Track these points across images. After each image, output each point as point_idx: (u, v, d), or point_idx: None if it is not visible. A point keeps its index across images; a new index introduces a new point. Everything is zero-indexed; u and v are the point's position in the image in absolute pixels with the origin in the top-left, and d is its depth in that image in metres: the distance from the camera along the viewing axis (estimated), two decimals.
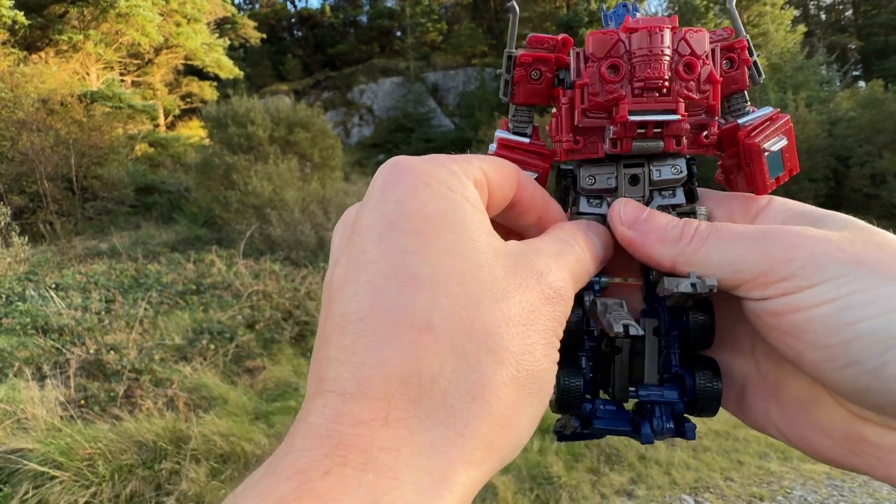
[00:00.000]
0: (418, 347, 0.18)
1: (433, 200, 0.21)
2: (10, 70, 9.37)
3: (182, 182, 9.75)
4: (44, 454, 2.33)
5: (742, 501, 2.45)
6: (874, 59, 16.92)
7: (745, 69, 0.27)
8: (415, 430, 0.17)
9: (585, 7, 16.17)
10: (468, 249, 0.20)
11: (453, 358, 0.18)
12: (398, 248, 0.19)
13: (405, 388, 0.17)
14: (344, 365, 0.18)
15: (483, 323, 0.19)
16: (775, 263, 0.21)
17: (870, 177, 8.46)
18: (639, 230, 0.25)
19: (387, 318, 0.18)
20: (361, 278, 0.19)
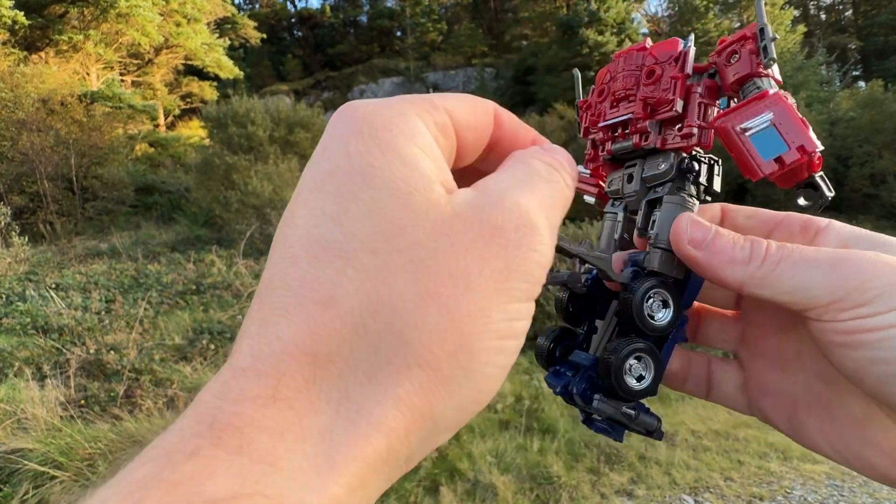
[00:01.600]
0: (317, 323, 0.16)
1: (361, 152, 0.18)
2: (10, 70, 9.37)
3: (182, 182, 9.76)
4: (44, 454, 2.33)
5: (742, 501, 2.45)
6: (874, 59, 16.93)
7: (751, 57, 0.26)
8: (303, 412, 0.15)
9: (585, 7, 16.16)
10: (389, 210, 0.18)
11: (353, 336, 0.16)
12: (316, 212, 0.18)
13: (299, 366, 0.16)
14: (245, 337, 0.17)
15: (391, 297, 0.17)
16: (852, 290, 0.22)
17: (869, 177, 8.46)
18: (707, 251, 0.25)
19: (293, 290, 0.17)
20: (283, 245, 0.18)
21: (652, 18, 19.72)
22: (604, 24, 15.92)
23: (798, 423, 0.26)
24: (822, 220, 0.26)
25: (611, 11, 15.92)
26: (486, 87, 18.06)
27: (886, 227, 7.92)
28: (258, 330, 0.17)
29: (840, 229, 0.25)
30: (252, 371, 0.16)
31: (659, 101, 0.28)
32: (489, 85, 18.51)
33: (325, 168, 0.19)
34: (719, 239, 0.25)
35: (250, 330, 0.17)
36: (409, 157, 0.19)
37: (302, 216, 0.18)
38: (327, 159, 0.19)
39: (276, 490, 0.14)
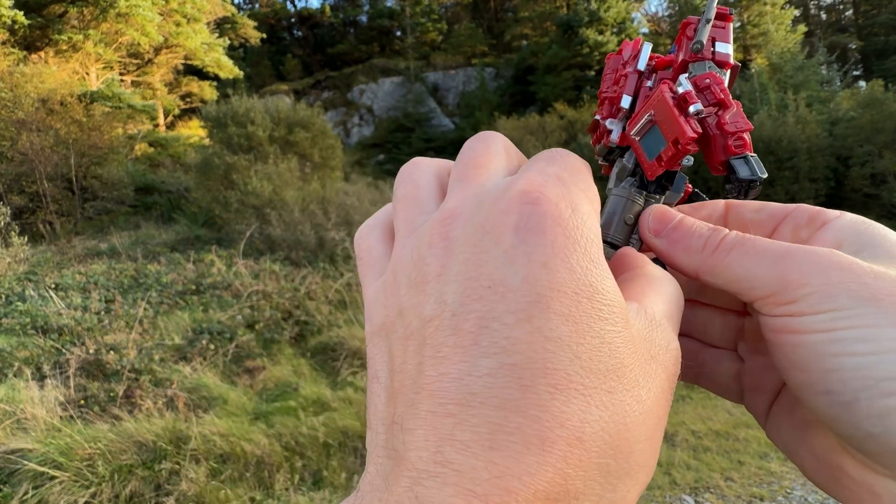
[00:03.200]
0: (567, 463, 0.16)
1: (584, 268, 0.18)
2: (9, 70, 9.36)
3: (182, 182, 9.75)
4: (43, 454, 2.33)
5: (742, 501, 2.45)
6: (874, 58, 16.92)
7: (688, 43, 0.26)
8: None
9: (585, 7, 16.15)
10: (615, 344, 0.18)
11: (598, 476, 0.17)
12: (549, 335, 0.17)
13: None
14: (479, 459, 0.16)
15: (627, 440, 0.17)
16: (787, 285, 0.21)
17: (870, 177, 8.45)
18: (667, 238, 0.25)
19: (536, 420, 0.16)
20: (501, 358, 0.17)
21: (652, 18, 19.71)
22: (604, 23, 15.91)
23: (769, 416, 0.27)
24: (833, 213, 0.25)
25: (611, 11, 15.92)
26: (486, 87, 18.06)
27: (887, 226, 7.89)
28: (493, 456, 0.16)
29: (842, 226, 0.24)
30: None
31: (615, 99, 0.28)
32: (489, 85, 18.51)
33: (546, 279, 0.17)
34: (679, 228, 0.25)
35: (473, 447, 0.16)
36: (610, 275, 0.19)
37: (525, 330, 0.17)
38: (546, 268, 0.17)
39: None
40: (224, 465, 2.49)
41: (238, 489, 2.37)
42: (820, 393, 0.20)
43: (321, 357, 3.87)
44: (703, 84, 0.24)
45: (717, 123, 0.24)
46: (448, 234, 0.20)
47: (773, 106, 9.62)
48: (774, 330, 0.22)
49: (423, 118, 18.08)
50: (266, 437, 2.67)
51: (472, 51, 21.13)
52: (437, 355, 0.18)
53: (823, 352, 0.20)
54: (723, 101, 0.24)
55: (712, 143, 0.24)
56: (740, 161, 0.24)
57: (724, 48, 0.25)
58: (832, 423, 0.21)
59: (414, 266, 0.20)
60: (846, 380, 0.19)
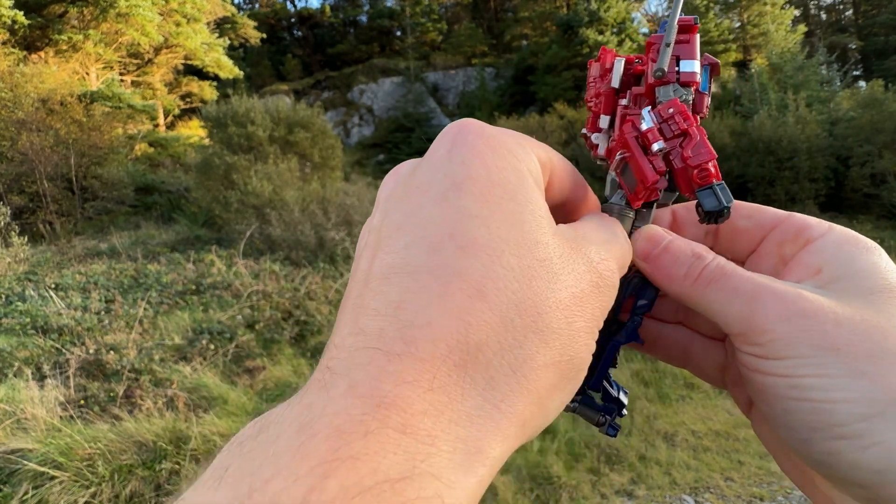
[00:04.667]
0: (469, 313, 0.17)
1: (499, 167, 0.20)
2: (9, 70, 9.36)
3: (182, 182, 9.75)
4: (43, 454, 2.33)
5: (742, 501, 2.45)
6: (874, 58, 16.92)
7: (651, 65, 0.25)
8: (454, 397, 0.17)
9: (585, 7, 16.15)
10: (527, 223, 0.20)
11: (501, 329, 0.18)
12: (459, 209, 0.19)
13: (451, 354, 0.17)
14: (388, 320, 0.17)
15: (534, 300, 0.19)
16: (754, 329, 0.22)
17: (870, 177, 8.45)
18: (652, 264, 0.26)
19: (439, 276, 0.18)
20: (417, 232, 0.19)
21: (652, 18, 19.70)
22: (604, 23, 15.90)
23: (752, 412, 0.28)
24: (819, 229, 0.25)
25: (611, 11, 15.91)
26: (486, 87, 18.05)
27: (886, 226, 7.91)
28: (400, 314, 0.17)
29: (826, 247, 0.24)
30: (408, 357, 0.16)
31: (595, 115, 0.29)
32: (489, 85, 18.50)
33: (462, 172, 0.20)
34: (665, 254, 0.25)
35: (383, 310, 0.17)
36: (532, 185, 0.21)
37: (440, 209, 0.19)
38: (462, 164, 0.20)
39: (438, 470, 0.15)
40: None
41: None
42: (780, 427, 0.22)
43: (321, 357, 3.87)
44: (667, 115, 0.24)
45: (681, 157, 0.24)
46: (397, 168, 0.24)
47: (773, 106, 9.61)
48: (744, 364, 0.23)
49: (423, 118, 18.07)
50: None
51: (472, 51, 21.12)
52: (375, 251, 0.20)
53: (783, 395, 0.22)
54: (686, 132, 0.24)
55: (678, 174, 0.25)
56: (706, 192, 0.24)
57: (689, 66, 0.25)
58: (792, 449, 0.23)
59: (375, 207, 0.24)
60: (802, 421, 0.21)
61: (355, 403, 0.16)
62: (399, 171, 0.24)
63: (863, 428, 0.20)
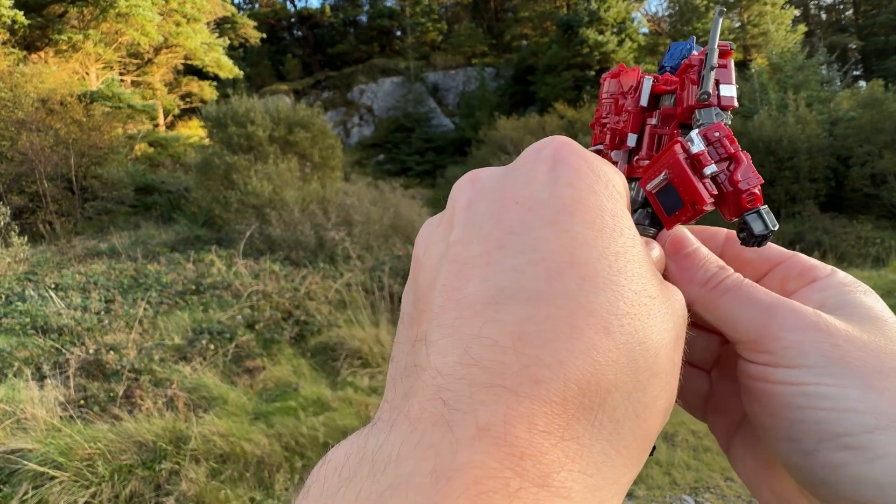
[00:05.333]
0: (598, 351, 0.16)
1: (605, 195, 0.19)
2: (9, 70, 9.36)
3: (182, 182, 9.75)
4: (43, 454, 2.33)
5: (742, 502, 2.45)
6: (874, 58, 16.92)
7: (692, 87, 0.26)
8: (584, 444, 0.16)
9: (586, 7, 16.14)
10: (636, 256, 0.19)
11: (628, 370, 0.17)
12: (574, 236, 0.18)
13: (583, 397, 0.16)
14: (510, 353, 0.16)
15: (653, 339, 0.18)
16: (766, 336, 0.22)
17: (870, 177, 8.45)
18: (676, 262, 0.26)
19: (563, 308, 0.16)
20: (527, 254, 0.17)
21: (652, 18, 19.70)
22: (604, 23, 15.91)
23: (732, 446, 0.28)
24: (824, 270, 0.26)
25: (611, 11, 15.91)
26: (486, 87, 18.06)
27: (887, 226, 7.91)
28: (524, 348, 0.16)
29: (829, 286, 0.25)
30: (538, 399, 0.15)
31: (621, 133, 0.29)
32: (489, 85, 18.50)
33: (571, 195, 0.19)
34: (693, 257, 0.26)
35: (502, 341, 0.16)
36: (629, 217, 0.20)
37: (553, 231, 0.18)
38: (570, 186, 0.19)
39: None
40: (224, 465, 2.49)
41: (238, 489, 2.37)
42: (783, 439, 0.22)
43: (321, 357, 3.87)
44: (713, 138, 0.25)
45: (730, 180, 0.25)
46: (477, 176, 0.22)
47: (774, 106, 9.61)
48: (750, 375, 0.23)
49: (423, 118, 18.08)
50: (266, 437, 2.67)
51: (472, 51, 21.13)
52: (462, 268, 0.18)
53: (792, 403, 0.21)
54: (733, 156, 0.24)
55: (726, 198, 0.25)
56: (753, 216, 0.25)
57: (728, 91, 0.26)
58: (790, 467, 0.22)
59: (447, 210, 0.22)
60: (809, 431, 0.21)
61: (491, 453, 0.14)
62: (480, 180, 0.22)
63: (870, 439, 0.20)
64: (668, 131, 0.27)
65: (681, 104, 0.26)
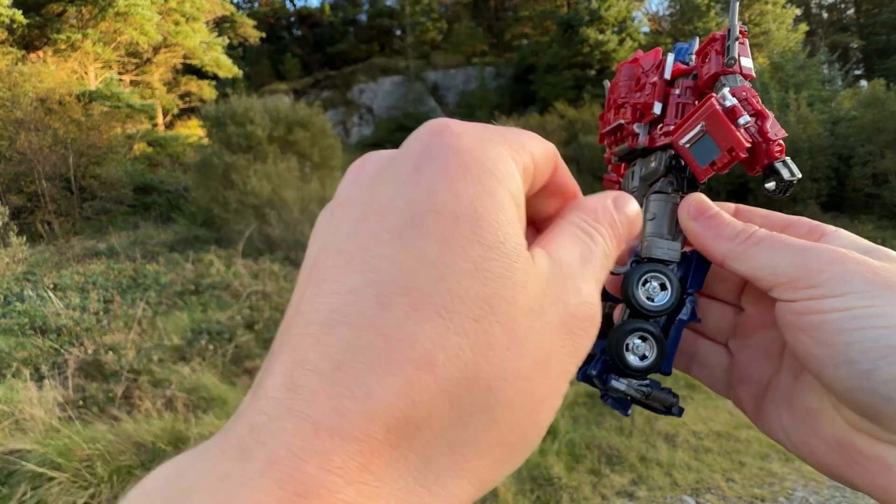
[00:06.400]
0: (413, 388, 0.15)
1: (470, 195, 0.17)
2: (8, 69, 9.34)
3: (181, 182, 9.74)
4: (42, 455, 2.32)
5: (744, 502, 2.44)
6: (876, 58, 16.91)
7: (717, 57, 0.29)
8: (384, 480, 0.15)
9: (586, 6, 16.13)
10: (494, 272, 0.17)
11: (446, 407, 0.16)
12: (416, 253, 0.16)
13: (388, 434, 0.15)
14: (324, 381, 0.15)
15: (488, 373, 0.16)
16: (808, 272, 0.24)
17: (871, 176, 8.45)
18: (702, 223, 0.28)
19: (385, 338, 0.15)
20: (366, 275, 0.16)
21: (653, 17, 19.69)
22: (604, 22, 15.89)
23: (762, 410, 0.29)
24: (829, 228, 0.28)
25: (611, 10, 15.90)
26: (487, 87, 18.05)
27: (888, 226, 7.90)
28: (338, 377, 0.15)
29: (840, 237, 0.27)
30: (339, 433, 0.14)
31: (644, 106, 0.32)
32: (489, 84, 18.50)
33: (426, 200, 0.17)
34: (717, 218, 0.28)
35: (321, 368, 0.15)
36: (510, 213, 0.18)
37: (395, 248, 0.16)
38: (429, 191, 0.17)
39: None
40: None
41: None
42: (841, 364, 0.23)
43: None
44: (742, 96, 0.27)
45: (760, 131, 0.27)
46: (363, 165, 0.21)
47: (775, 105, 9.60)
48: (797, 312, 0.24)
49: (423, 118, 17.85)
50: None
51: (473, 50, 21.11)
52: (319, 278, 0.17)
53: (844, 327, 0.23)
54: (760, 112, 0.27)
55: (756, 149, 0.27)
56: (782, 164, 0.27)
57: (748, 62, 0.29)
58: (850, 392, 0.23)
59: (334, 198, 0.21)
60: (866, 349, 0.22)
61: (271, 490, 0.13)
62: (363, 170, 0.20)
63: None
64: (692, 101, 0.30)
65: (702, 77, 0.30)
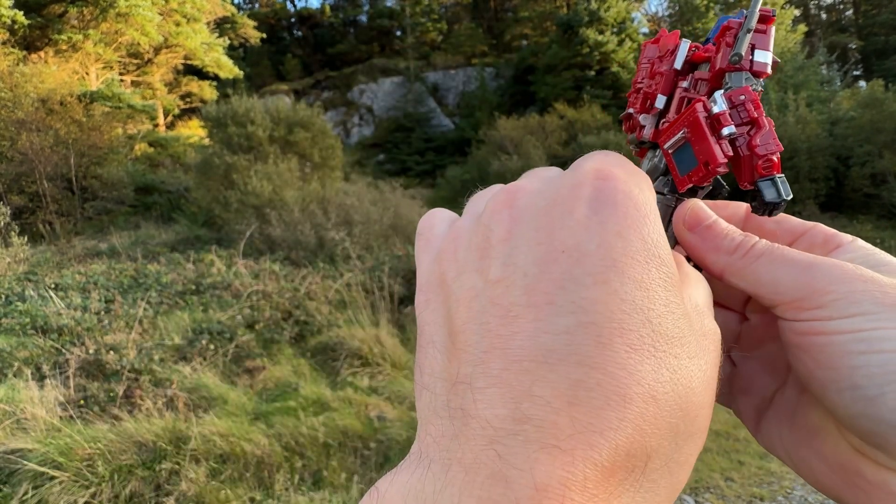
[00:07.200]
0: (644, 420, 0.17)
1: (654, 240, 0.19)
2: (9, 70, 9.36)
3: (182, 182, 9.75)
4: (43, 454, 2.33)
5: (742, 502, 2.45)
6: (874, 58, 16.91)
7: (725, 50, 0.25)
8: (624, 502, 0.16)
9: (586, 7, 16.14)
10: (677, 313, 0.19)
11: (668, 435, 0.17)
12: (624, 297, 0.17)
13: (630, 461, 0.16)
14: (563, 416, 0.16)
15: (691, 402, 0.18)
16: (814, 292, 0.22)
17: (870, 177, 8.45)
18: (699, 235, 0.26)
19: (613, 376, 0.17)
20: (578, 317, 0.17)
21: (652, 18, 19.71)
22: (604, 23, 15.90)
23: (763, 424, 0.28)
24: (847, 237, 0.26)
25: (611, 11, 15.91)
26: (486, 87, 18.06)
27: (886, 226, 7.90)
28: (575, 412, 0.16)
29: (855, 249, 0.25)
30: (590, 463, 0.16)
31: (651, 96, 0.29)
32: (489, 85, 18.50)
33: (620, 247, 0.18)
34: (713, 228, 0.26)
35: (555, 403, 0.16)
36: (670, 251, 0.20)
37: (602, 292, 0.18)
38: (621, 236, 0.18)
39: None
40: (224, 465, 2.49)
41: (238, 489, 2.37)
42: (845, 389, 0.21)
43: (321, 357, 3.87)
44: (738, 101, 0.24)
45: (748, 144, 0.24)
46: (514, 202, 0.21)
47: (774, 106, 9.61)
48: (801, 332, 0.23)
49: (423, 118, 18.08)
50: (266, 437, 2.67)
51: (472, 51, 21.13)
52: (507, 315, 0.18)
53: (851, 350, 0.21)
54: (755, 121, 0.24)
55: (741, 162, 0.25)
56: (767, 183, 0.24)
57: (763, 57, 0.25)
58: (854, 419, 0.22)
59: (476, 231, 0.21)
60: (872, 375, 0.21)
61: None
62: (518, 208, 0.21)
63: None
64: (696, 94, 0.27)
65: (713, 68, 0.26)
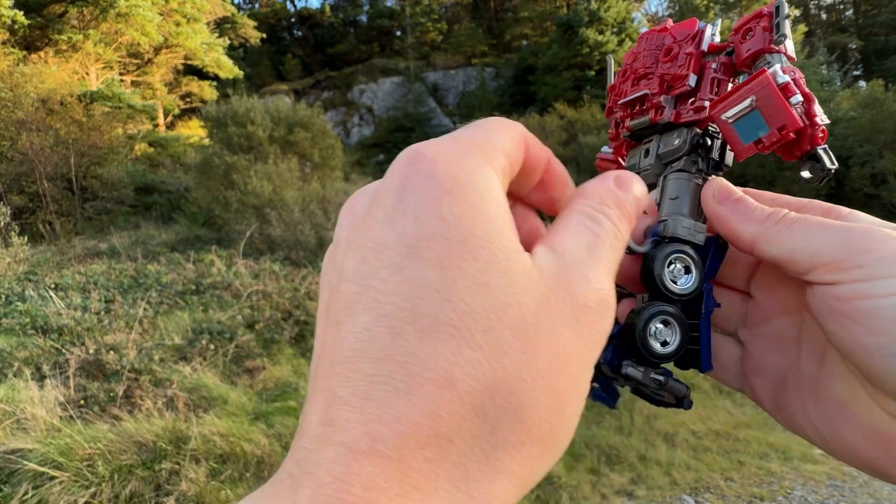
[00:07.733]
0: (438, 404, 0.16)
1: (456, 215, 0.18)
2: (9, 70, 9.35)
3: (182, 182, 9.75)
4: (43, 454, 2.33)
5: (742, 501, 2.45)
6: (874, 58, 16.91)
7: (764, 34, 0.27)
8: (427, 492, 0.16)
9: (586, 7, 16.14)
10: (494, 283, 0.18)
11: (472, 417, 0.17)
12: (417, 282, 0.17)
13: (420, 448, 0.16)
14: (354, 411, 0.16)
15: (506, 378, 0.17)
16: (853, 252, 0.22)
17: (870, 177, 8.45)
18: (729, 206, 0.26)
19: (404, 366, 0.17)
20: (376, 311, 0.17)
21: (652, 18, 19.71)
22: (604, 23, 15.90)
23: (783, 402, 0.27)
24: (844, 209, 0.26)
25: (611, 11, 15.91)
26: (486, 87, 18.05)
27: None
28: (367, 406, 0.16)
29: (861, 217, 0.26)
30: (375, 455, 0.16)
31: (674, 77, 0.29)
32: (489, 85, 18.50)
33: (415, 231, 0.18)
34: (743, 201, 0.26)
35: (351, 401, 0.16)
36: (498, 221, 0.19)
37: (397, 282, 0.17)
38: (417, 220, 0.18)
39: None
40: (224, 465, 2.49)
41: (238, 489, 2.37)
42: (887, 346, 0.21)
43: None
44: (792, 76, 0.25)
45: (807, 113, 0.25)
46: (353, 209, 0.21)
47: None
48: (843, 298, 0.22)
49: (423, 118, 18.08)
50: (266, 437, 2.67)
51: (472, 51, 21.13)
52: (334, 321, 0.19)
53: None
54: (808, 95, 0.25)
55: (801, 132, 0.25)
56: (823, 151, 0.26)
57: (791, 45, 0.27)
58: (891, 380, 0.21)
59: (334, 243, 0.22)
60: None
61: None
62: (353, 211, 0.21)
63: None
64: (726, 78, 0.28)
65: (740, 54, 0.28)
